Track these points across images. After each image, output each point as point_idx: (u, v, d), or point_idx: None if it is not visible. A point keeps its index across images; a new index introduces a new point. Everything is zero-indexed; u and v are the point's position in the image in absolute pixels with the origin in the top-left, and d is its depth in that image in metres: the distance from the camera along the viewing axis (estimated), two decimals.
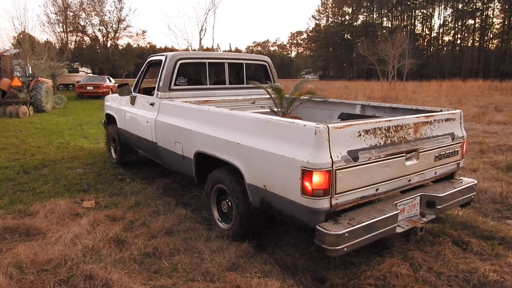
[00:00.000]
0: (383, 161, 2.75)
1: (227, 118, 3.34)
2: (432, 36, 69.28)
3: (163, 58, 4.62)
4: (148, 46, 64.38)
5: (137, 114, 5.00)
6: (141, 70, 5.23)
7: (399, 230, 2.79)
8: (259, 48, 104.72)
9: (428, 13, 68.53)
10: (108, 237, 3.34)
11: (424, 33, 69.99)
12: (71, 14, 38.42)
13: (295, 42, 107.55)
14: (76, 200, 4.40)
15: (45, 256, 2.94)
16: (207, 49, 32.16)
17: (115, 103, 5.97)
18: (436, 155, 3.20)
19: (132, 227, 3.68)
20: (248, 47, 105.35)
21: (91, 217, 3.73)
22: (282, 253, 3.18)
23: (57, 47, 30.89)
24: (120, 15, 40.90)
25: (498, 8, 58.14)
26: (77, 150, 7.39)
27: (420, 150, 3.04)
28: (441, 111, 3.48)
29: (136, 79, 5.32)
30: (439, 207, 3.08)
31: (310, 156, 2.44)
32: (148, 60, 5.09)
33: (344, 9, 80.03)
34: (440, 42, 69.09)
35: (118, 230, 3.49)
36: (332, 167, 2.44)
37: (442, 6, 66.07)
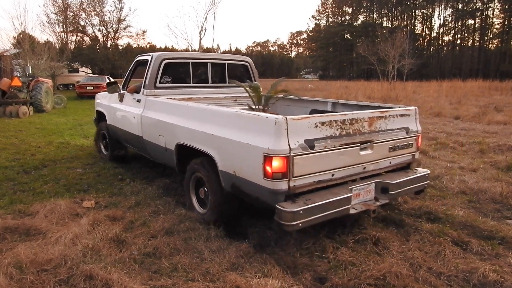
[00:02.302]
0: (338, 149, 3.06)
1: (203, 112, 3.67)
2: (432, 36, 69.36)
3: (149, 58, 4.91)
4: (148, 46, 64.36)
5: (125, 110, 5.27)
6: (129, 69, 5.49)
7: (353, 211, 3.13)
8: (259, 48, 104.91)
9: (428, 13, 68.61)
10: (108, 237, 3.34)
11: (424, 33, 70.07)
12: (71, 14, 38.51)
13: (295, 42, 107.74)
14: (76, 200, 4.40)
15: (45, 256, 2.94)
16: (207, 49, 32.21)
17: (105, 101, 6.20)
18: (390, 146, 3.52)
19: (132, 227, 3.68)
20: (248, 47, 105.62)
21: (91, 217, 3.73)
22: (282, 253, 3.18)
23: (57, 47, 30.88)
24: (120, 15, 41.00)
25: (498, 8, 58.25)
26: (77, 150, 7.39)
27: (375, 142, 3.34)
28: (399, 108, 3.77)
29: (125, 78, 5.57)
30: (392, 192, 3.39)
31: (271, 143, 2.76)
32: (136, 60, 5.34)
33: (344, 9, 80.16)
34: (440, 42, 69.16)
35: (118, 230, 3.48)
36: (290, 153, 2.76)
37: (442, 6, 66.18)
